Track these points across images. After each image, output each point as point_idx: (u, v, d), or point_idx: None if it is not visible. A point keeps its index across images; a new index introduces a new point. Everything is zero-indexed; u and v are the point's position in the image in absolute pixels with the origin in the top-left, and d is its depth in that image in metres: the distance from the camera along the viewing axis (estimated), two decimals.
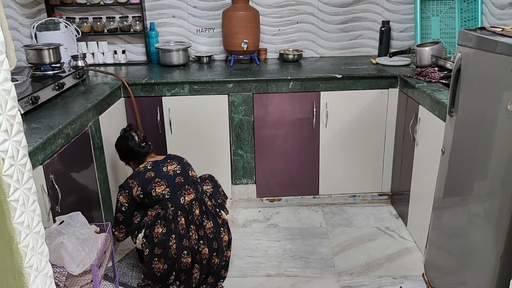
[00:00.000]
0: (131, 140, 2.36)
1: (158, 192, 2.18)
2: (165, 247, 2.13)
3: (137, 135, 2.38)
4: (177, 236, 2.15)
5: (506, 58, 1.49)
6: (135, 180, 2.22)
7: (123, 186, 2.25)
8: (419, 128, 2.41)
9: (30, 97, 2.04)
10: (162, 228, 2.15)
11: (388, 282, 2.31)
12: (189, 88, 2.78)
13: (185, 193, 2.22)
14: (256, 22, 3.12)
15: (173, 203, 2.18)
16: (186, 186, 2.24)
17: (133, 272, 2.41)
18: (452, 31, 3.06)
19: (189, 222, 2.19)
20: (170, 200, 2.18)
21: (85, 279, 1.70)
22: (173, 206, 2.18)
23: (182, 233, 2.16)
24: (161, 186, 2.20)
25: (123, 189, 2.24)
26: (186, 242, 2.16)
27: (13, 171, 0.93)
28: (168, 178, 2.23)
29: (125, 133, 2.40)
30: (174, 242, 2.14)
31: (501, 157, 1.55)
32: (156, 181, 2.20)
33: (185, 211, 2.19)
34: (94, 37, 3.24)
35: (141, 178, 2.22)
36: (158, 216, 2.17)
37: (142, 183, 2.20)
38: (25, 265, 0.97)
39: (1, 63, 0.90)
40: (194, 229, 2.19)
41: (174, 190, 2.21)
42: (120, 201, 2.23)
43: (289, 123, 2.87)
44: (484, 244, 1.67)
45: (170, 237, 2.14)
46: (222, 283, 2.32)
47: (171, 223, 2.16)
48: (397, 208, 2.96)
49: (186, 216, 2.19)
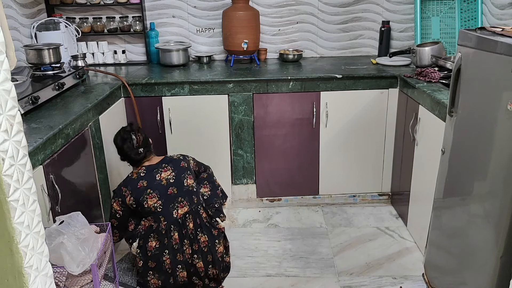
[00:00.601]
0: (128, 142, 2.22)
1: (150, 205, 2.12)
2: (158, 261, 2.10)
3: (136, 138, 2.22)
4: (171, 251, 2.10)
5: (506, 58, 1.49)
6: (128, 189, 2.15)
7: (117, 193, 2.19)
8: (419, 128, 2.41)
9: (30, 97, 2.04)
10: (156, 242, 2.11)
11: (388, 282, 2.31)
12: (189, 88, 2.79)
13: (178, 206, 2.14)
14: (256, 22, 3.12)
15: (165, 217, 2.11)
16: (179, 198, 2.14)
17: (133, 272, 2.41)
18: (452, 31, 3.06)
19: (182, 237, 2.12)
20: (162, 213, 2.11)
21: (85, 279, 1.70)
22: (165, 220, 2.11)
23: (176, 248, 2.11)
24: (153, 198, 2.12)
25: (116, 196, 2.19)
26: (180, 256, 2.11)
27: (13, 171, 0.93)
28: (160, 188, 2.13)
29: (124, 134, 2.25)
30: (168, 257, 2.10)
31: (501, 157, 1.55)
32: (148, 192, 2.12)
33: (178, 225, 2.12)
34: (94, 37, 3.24)
35: (133, 187, 2.14)
36: (151, 229, 2.13)
37: (135, 193, 2.13)
38: (25, 265, 0.97)
39: (1, 63, 0.90)
40: (187, 243, 2.13)
41: (166, 203, 2.12)
42: (114, 207, 2.19)
43: (289, 123, 2.87)
44: (484, 244, 1.67)
45: (164, 252, 2.10)
46: (222, 282, 2.31)
47: (164, 237, 2.11)
48: (397, 208, 2.96)
49: (180, 230, 2.12)
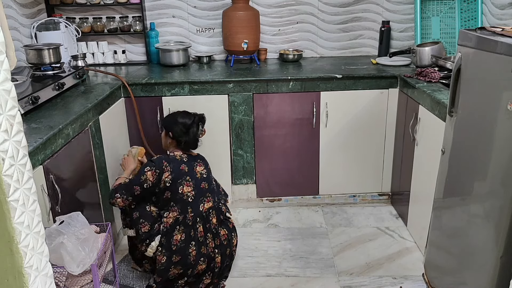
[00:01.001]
0: (194, 128, 2.23)
1: (184, 191, 2.12)
2: (184, 254, 2.09)
3: (202, 131, 2.27)
4: (196, 243, 2.11)
5: (506, 58, 1.49)
6: (170, 165, 2.12)
7: (156, 163, 2.10)
8: (419, 128, 2.41)
9: (30, 97, 2.04)
10: (181, 234, 2.10)
11: (388, 282, 2.31)
12: (189, 88, 2.78)
13: (205, 200, 2.19)
14: (256, 22, 3.12)
15: (193, 208, 2.14)
16: (207, 194, 2.21)
17: (133, 273, 2.40)
18: (452, 31, 3.06)
19: (206, 230, 2.16)
20: (191, 204, 2.14)
21: (85, 279, 1.70)
22: (192, 211, 2.13)
23: (201, 241, 2.13)
24: (189, 186, 2.14)
25: (154, 166, 2.09)
26: (204, 249, 2.13)
27: (13, 171, 0.93)
28: (196, 180, 2.18)
29: (195, 120, 2.25)
30: (194, 249, 2.10)
31: (501, 157, 1.55)
32: (187, 178, 2.14)
33: (203, 218, 2.16)
34: (94, 37, 3.24)
35: (175, 167, 2.13)
36: (177, 222, 2.11)
37: (175, 173, 2.12)
38: (25, 265, 0.97)
39: (1, 63, 0.90)
40: (211, 237, 2.17)
41: (198, 195, 2.17)
42: (146, 176, 2.07)
43: (289, 123, 2.87)
44: (484, 244, 1.67)
45: (190, 244, 2.10)
46: (224, 282, 2.32)
47: (190, 229, 2.11)
48: (397, 208, 2.96)
49: (204, 224, 2.16)
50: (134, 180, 2.12)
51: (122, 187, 2.11)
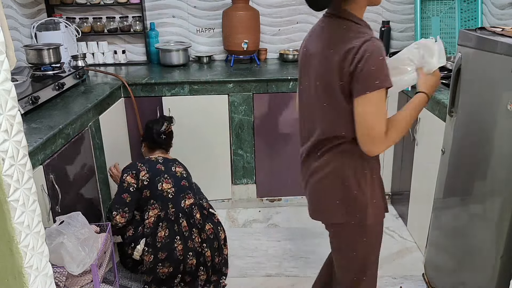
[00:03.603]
0: (157, 125, 2.39)
1: (164, 188, 2.17)
2: (170, 249, 2.10)
3: (166, 126, 2.40)
4: (181, 237, 2.13)
5: (506, 58, 1.49)
6: (145, 165, 2.22)
7: (130, 167, 2.21)
8: (419, 128, 2.41)
9: (30, 97, 2.04)
10: (165, 230, 2.12)
11: (388, 282, 2.31)
12: (189, 88, 2.78)
13: (186, 197, 2.23)
14: (256, 22, 3.12)
15: (174, 204, 2.17)
16: (188, 191, 2.25)
17: (133, 274, 2.40)
18: (452, 31, 3.05)
19: (191, 225, 2.18)
20: (172, 201, 2.17)
21: (85, 279, 1.70)
22: (174, 207, 2.16)
23: (186, 235, 2.14)
24: (169, 183, 2.20)
25: (129, 169, 2.19)
26: (190, 243, 2.14)
27: (13, 171, 0.93)
28: (175, 178, 2.24)
29: (160, 119, 2.46)
30: (180, 243, 2.12)
31: (501, 157, 1.55)
32: (165, 176, 2.20)
33: (185, 214, 2.18)
34: (94, 37, 3.23)
35: (151, 166, 2.22)
36: (160, 219, 2.14)
37: (151, 171, 2.20)
38: (25, 265, 0.97)
39: (1, 63, 0.90)
40: (196, 232, 2.18)
41: (178, 192, 2.21)
42: (127, 181, 2.16)
43: (289, 123, 2.87)
44: (484, 244, 1.67)
45: (175, 239, 2.11)
46: (224, 280, 2.32)
47: (174, 223, 2.14)
48: (397, 208, 2.96)
49: (188, 219, 2.18)
50: (119, 191, 2.20)
51: (113, 203, 2.19)
